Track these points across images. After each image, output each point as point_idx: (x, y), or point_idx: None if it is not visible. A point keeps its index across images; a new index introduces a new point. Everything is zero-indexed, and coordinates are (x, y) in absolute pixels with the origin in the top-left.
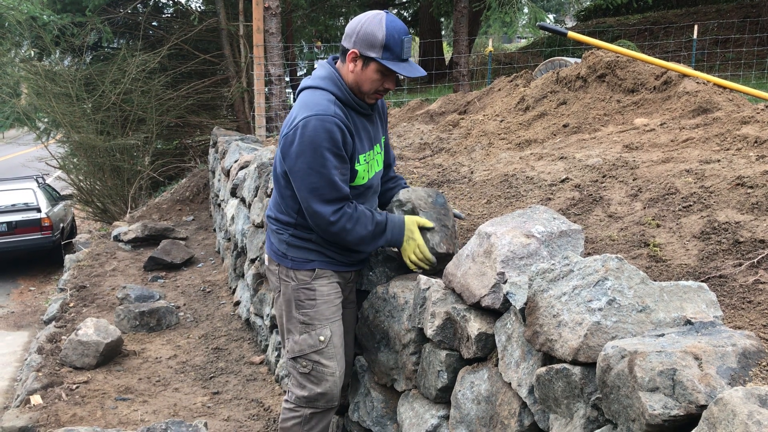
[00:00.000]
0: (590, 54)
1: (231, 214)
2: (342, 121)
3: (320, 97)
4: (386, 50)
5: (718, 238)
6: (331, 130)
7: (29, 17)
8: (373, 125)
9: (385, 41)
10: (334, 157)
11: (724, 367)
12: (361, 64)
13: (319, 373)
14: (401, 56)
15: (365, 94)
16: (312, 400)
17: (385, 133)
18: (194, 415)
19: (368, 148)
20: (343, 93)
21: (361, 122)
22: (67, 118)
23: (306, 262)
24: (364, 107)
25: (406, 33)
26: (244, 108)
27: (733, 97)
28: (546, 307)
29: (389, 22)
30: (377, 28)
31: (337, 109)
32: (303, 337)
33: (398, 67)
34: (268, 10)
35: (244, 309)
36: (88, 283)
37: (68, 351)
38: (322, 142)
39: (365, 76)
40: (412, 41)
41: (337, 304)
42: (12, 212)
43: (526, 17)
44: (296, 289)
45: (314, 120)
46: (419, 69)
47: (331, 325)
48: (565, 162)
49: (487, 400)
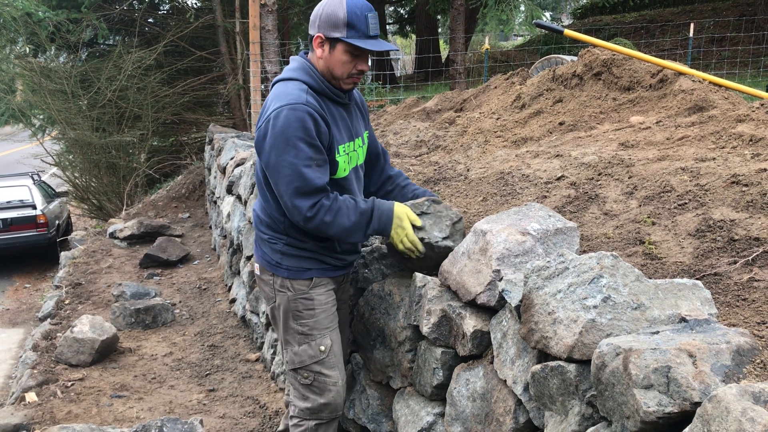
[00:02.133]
0: (586, 52)
1: (227, 212)
2: (315, 110)
3: (291, 87)
4: (350, 28)
5: (713, 235)
6: (302, 118)
7: (24, 13)
8: (352, 117)
9: (347, 19)
10: (308, 147)
11: (718, 365)
12: (328, 47)
13: (321, 383)
14: (367, 33)
15: (339, 79)
16: (316, 411)
17: (368, 128)
18: (190, 413)
19: (347, 139)
20: (316, 81)
21: (339, 112)
22: (62, 114)
23: (302, 270)
24: (340, 95)
25: (369, 9)
26: (240, 105)
27: (729, 96)
28: (541, 305)
29: (350, 1)
30: (338, 7)
31: (310, 97)
32: (303, 348)
33: (365, 43)
34: (264, 7)
35: (240, 306)
36: (84, 280)
37: (63, 348)
38: (295, 132)
39: (335, 60)
40: (377, 18)
41: (334, 312)
42: (7, 209)
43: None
44: (293, 300)
45: (285, 110)
46: (387, 44)
47: (331, 333)
48: (561, 160)
49: (483, 397)
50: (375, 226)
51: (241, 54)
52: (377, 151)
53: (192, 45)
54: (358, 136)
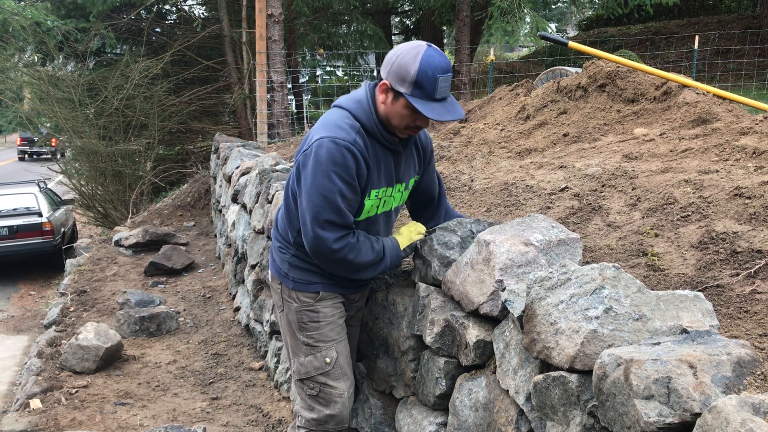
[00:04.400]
0: (591, 64)
1: (232, 220)
2: (359, 150)
3: (344, 121)
4: (417, 87)
5: (716, 248)
6: (344, 155)
7: (33, 22)
8: (400, 163)
9: (416, 77)
10: (343, 184)
11: (718, 376)
12: (392, 97)
13: (327, 395)
14: (434, 96)
15: (395, 128)
16: (322, 422)
17: (424, 172)
18: (193, 421)
19: (385, 185)
20: (370, 123)
21: (385, 157)
22: (69, 123)
23: (309, 284)
24: (392, 142)
25: (443, 71)
26: (246, 114)
27: (733, 108)
28: (543, 315)
29: (426, 57)
30: (411, 62)
31: (358, 136)
32: (309, 359)
33: (426, 107)
34: (271, 17)
35: (244, 315)
36: (89, 287)
37: (68, 355)
38: (334, 167)
39: (394, 110)
40: (450, 79)
41: (341, 324)
42: (13, 216)
43: (527, 26)
44: (299, 311)
45: (329, 142)
46: (454, 110)
47: (337, 345)
48: (565, 171)
49: (485, 407)
50: (388, 263)
51: (247, 64)
52: (431, 194)
53: (199, 54)
54: (400, 182)
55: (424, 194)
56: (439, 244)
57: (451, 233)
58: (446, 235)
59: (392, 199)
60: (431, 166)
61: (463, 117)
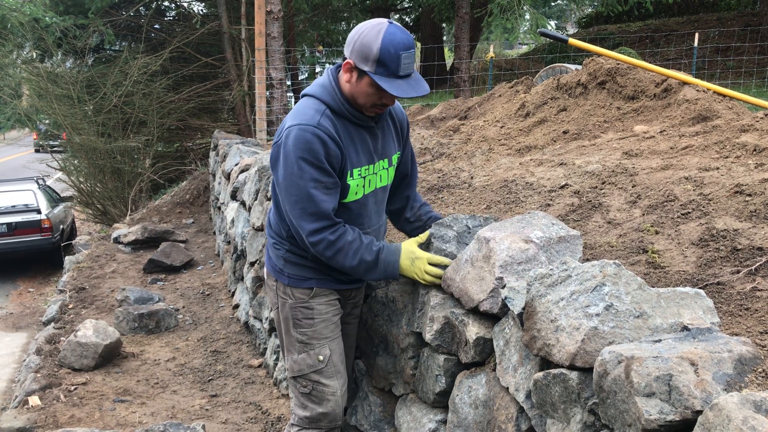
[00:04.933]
0: (591, 61)
1: (231, 217)
2: (326, 132)
3: (309, 106)
4: (380, 65)
5: (717, 245)
6: (310, 140)
7: (32, 19)
8: (377, 138)
9: (379, 55)
10: (314, 169)
11: (720, 373)
12: (356, 76)
13: (319, 392)
14: (397, 72)
15: (362, 107)
16: (314, 420)
17: (402, 148)
18: (192, 418)
19: (366, 162)
20: (336, 103)
21: (359, 134)
22: (68, 119)
23: (303, 279)
24: (361, 119)
25: (406, 47)
26: (245, 111)
27: (733, 105)
28: (544, 312)
29: (388, 35)
30: (373, 40)
31: (324, 119)
32: (302, 357)
33: (391, 85)
34: (270, 14)
35: (243, 312)
36: (88, 284)
37: (67, 352)
38: (302, 153)
39: (359, 89)
40: (414, 56)
41: (335, 322)
42: (12, 213)
43: (527, 24)
44: (293, 308)
45: (295, 130)
46: (418, 87)
47: (330, 343)
48: (565, 168)
49: (485, 404)
50: (381, 274)
51: (246, 61)
52: (405, 172)
53: (198, 51)
54: (383, 158)
55: (400, 171)
56: (436, 238)
57: (446, 228)
58: (442, 230)
59: (376, 177)
60: (408, 144)
61: (427, 93)
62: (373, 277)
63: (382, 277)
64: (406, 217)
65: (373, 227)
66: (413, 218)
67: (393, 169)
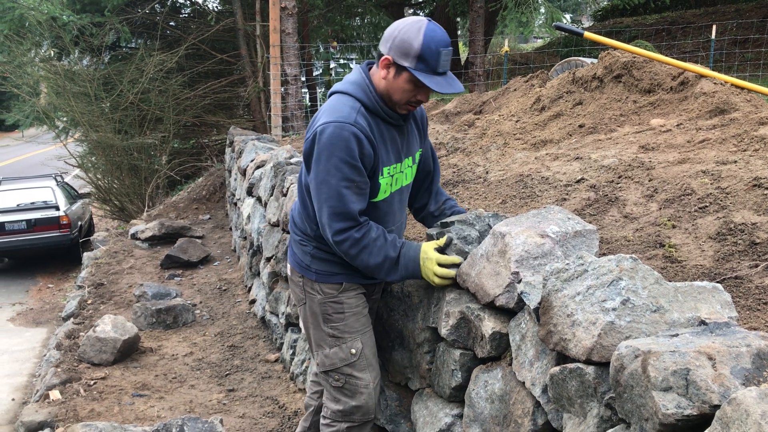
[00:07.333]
0: (606, 54)
1: (247, 213)
2: (362, 131)
3: (344, 103)
4: (420, 61)
5: (734, 239)
6: (347, 138)
7: (49, 17)
8: (404, 137)
9: (420, 51)
10: (349, 168)
11: (738, 368)
12: (394, 72)
13: (352, 386)
14: (436, 69)
15: (396, 104)
16: (348, 413)
17: (423, 145)
18: (210, 412)
19: (395, 161)
20: (370, 100)
21: (390, 133)
22: (85, 117)
23: (331, 275)
24: (394, 117)
25: (445, 45)
26: (261, 108)
27: (751, 98)
28: (560, 307)
29: (428, 32)
30: (414, 37)
31: (360, 117)
32: (334, 351)
33: (431, 80)
34: (284, 10)
35: (260, 307)
36: (106, 280)
37: (86, 347)
38: (338, 151)
39: (397, 85)
40: (451, 54)
41: (366, 315)
42: (31, 210)
43: (542, 17)
44: (323, 303)
45: (331, 127)
46: (455, 84)
47: (362, 336)
48: (581, 162)
49: (501, 399)
50: (402, 273)
51: (261, 57)
52: (428, 169)
53: (213, 48)
54: (408, 156)
55: (423, 168)
56: (459, 239)
57: (469, 227)
58: (465, 229)
59: (402, 176)
60: (427, 139)
61: (462, 91)
62: (394, 276)
63: (403, 274)
64: (431, 211)
65: (396, 224)
66: (437, 212)
67: (416, 166)
